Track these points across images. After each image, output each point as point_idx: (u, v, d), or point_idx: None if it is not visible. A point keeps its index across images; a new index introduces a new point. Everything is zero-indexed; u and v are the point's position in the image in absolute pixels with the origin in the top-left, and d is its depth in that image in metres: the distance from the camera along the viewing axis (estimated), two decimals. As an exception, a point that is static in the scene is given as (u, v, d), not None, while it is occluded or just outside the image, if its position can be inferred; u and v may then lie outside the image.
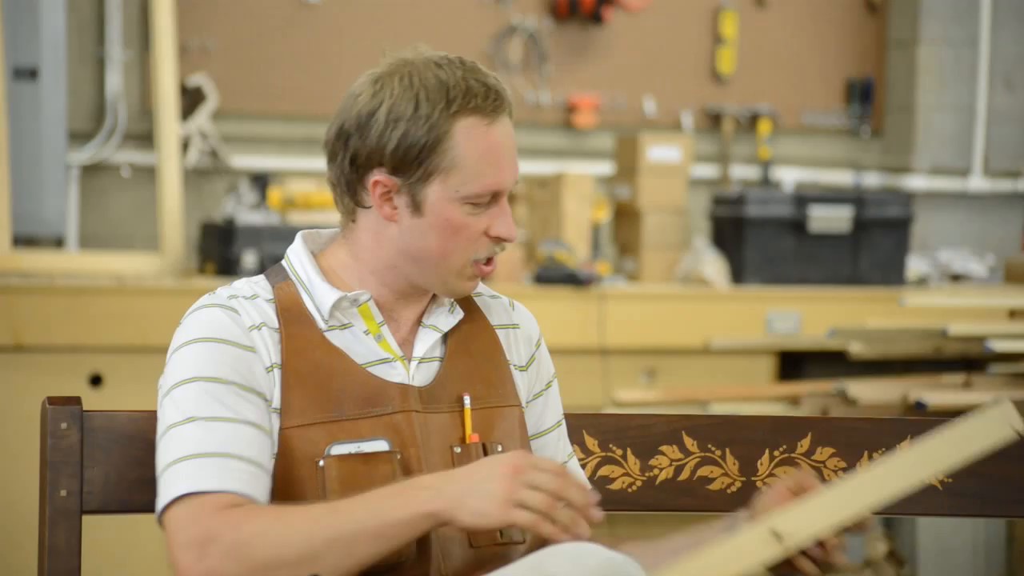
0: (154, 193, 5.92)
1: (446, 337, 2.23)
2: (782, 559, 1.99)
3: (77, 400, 2.23)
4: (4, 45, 5.44)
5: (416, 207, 2.14)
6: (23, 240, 5.72)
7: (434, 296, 2.24)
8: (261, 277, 2.21)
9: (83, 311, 5.10)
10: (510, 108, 2.18)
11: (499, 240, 2.17)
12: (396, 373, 2.17)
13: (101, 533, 3.72)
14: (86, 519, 2.21)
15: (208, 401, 2.07)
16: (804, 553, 2.11)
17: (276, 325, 2.14)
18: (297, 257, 2.22)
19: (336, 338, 2.16)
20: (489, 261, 2.18)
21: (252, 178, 5.84)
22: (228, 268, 5.49)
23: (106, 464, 2.21)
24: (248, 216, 5.61)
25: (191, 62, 6.18)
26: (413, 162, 2.12)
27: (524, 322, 2.32)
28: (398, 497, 1.99)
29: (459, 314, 2.24)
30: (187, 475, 2.03)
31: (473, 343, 2.24)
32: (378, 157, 2.13)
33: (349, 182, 2.17)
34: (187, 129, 6.06)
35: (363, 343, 2.17)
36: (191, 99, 6.12)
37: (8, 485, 5.01)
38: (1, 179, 5.31)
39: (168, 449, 2.06)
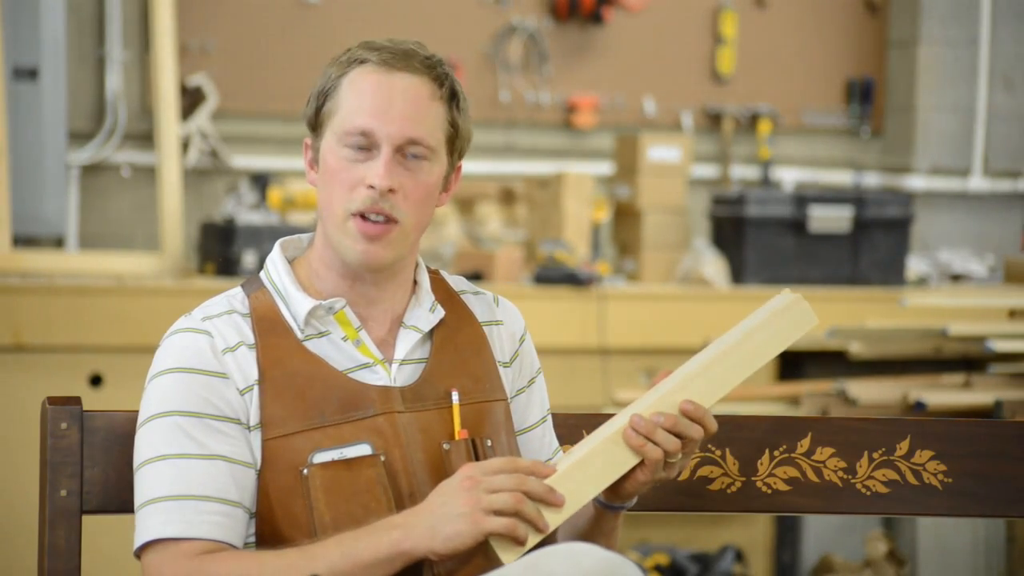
0: (154, 193, 5.92)
1: (430, 336, 2.22)
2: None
3: (77, 400, 2.23)
4: (4, 45, 5.44)
5: (318, 162, 2.18)
6: (23, 240, 5.72)
7: (413, 295, 2.22)
8: (238, 289, 2.21)
9: (83, 311, 5.10)
10: (431, 73, 2.15)
11: (370, 188, 2.12)
12: (377, 377, 2.15)
13: (101, 533, 3.71)
14: (86, 519, 2.22)
15: (179, 437, 2.08)
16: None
17: (252, 341, 2.14)
18: (274, 266, 2.22)
19: (314, 346, 2.15)
20: (367, 219, 2.12)
21: (252, 178, 5.84)
22: (228, 268, 5.48)
23: (106, 464, 2.21)
24: (248, 216, 5.60)
25: (191, 62, 6.18)
26: (315, 117, 2.18)
27: (508, 318, 2.31)
28: (370, 538, 2.02)
29: (440, 313, 2.23)
30: (159, 520, 2.06)
31: (459, 338, 2.23)
32: (306, 122, 2.21)
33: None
34: (187, 129, 6.06)
35: (342, 350, 2.16)
36: (191, 99, 6.11)
37: (8, 485, 5.01)
38: (1, 179, 5.31)
39: (142, 487, 2.09)
